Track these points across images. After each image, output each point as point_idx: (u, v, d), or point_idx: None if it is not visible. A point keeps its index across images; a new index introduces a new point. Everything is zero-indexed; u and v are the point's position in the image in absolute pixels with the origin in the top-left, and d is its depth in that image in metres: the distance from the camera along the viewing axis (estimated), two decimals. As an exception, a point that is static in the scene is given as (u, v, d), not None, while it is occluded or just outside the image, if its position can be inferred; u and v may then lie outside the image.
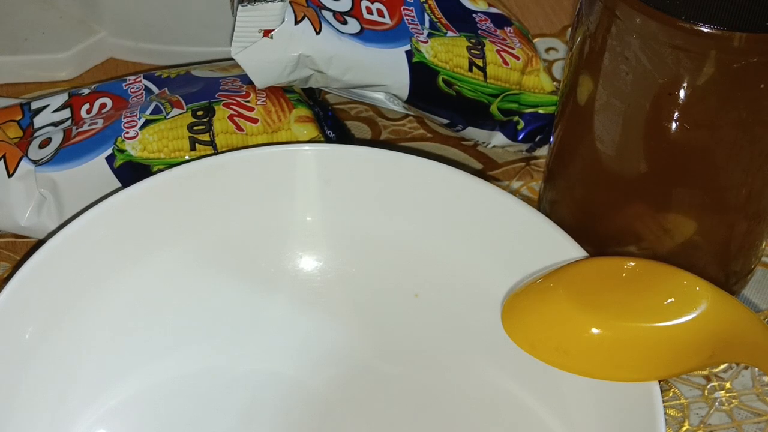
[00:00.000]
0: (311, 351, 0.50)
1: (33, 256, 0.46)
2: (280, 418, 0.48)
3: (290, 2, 0.53)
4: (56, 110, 0.56)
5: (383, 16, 0.56)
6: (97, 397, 0.47)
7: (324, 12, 0.54)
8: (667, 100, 0.45)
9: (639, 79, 0.45)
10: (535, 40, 0.65)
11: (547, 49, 0.66)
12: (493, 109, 0.58)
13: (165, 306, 0.49)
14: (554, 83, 0.60)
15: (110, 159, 0.52)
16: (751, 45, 0.43)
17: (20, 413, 0.44)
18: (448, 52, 0.57)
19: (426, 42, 0.57)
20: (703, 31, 0.43)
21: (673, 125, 0.46)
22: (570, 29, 0.58)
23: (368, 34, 0.55)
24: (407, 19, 0.57)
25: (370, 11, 0.56)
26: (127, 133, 0.53)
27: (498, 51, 0.58)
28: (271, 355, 0.50)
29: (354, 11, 0.55)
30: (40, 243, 0.48)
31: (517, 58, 0.59)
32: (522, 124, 0.59)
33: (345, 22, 0.55)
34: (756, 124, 0.46)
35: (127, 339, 0.48)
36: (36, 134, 0.55)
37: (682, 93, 0.45)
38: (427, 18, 0.58)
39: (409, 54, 0.56)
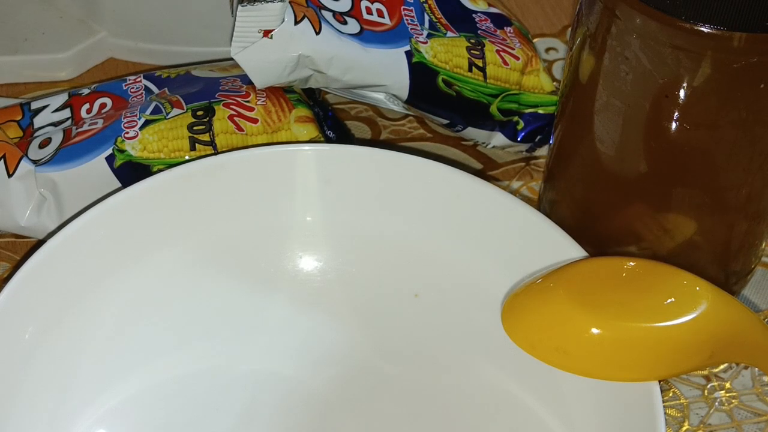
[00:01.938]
0: (311, 351, 0.50)
1: (33, 256, 0.46)
2: (280, 418, 0.48)
3: (290, 2, 0.53)
4: (56, 110, 0.56)
5: (383, 17, 0.56)
6: (97, 397, 0.47)
7: (324, 12, 0.54)
8: (667, 100, 0.45)
9: (639, 79, 0.45)
10: (535, 40, 0.65)
11: (547, 49, 0.66)
12: (493, 109, 0.58)
13: (165, 306, 0.49)
14: (554, 83, 0.60)
15: (110, 159, 0.52)
16: (751, 45, 0.43)
17: (20, 413, 0.44)
18: (447, 53, 0.57)
19: (425, 42, 0.57)
20: (703, 31, 0.43)
21: (673, 125, 0.46)
22: (570, 29, 0.58)
23: (368, 35, 0.55)
24: (407, 20, 0.57)
25: (369, 11, 0.56)
26: (127, 133, 0.53)
27: (498, 51, 0.58)
28: (271, 355, 0.50)
29: (354, 11, 0.55)
30: (40, 243, 0.48)
31: (517, 58, 0.59)
32: (522, 124, 0.59)
33: (345, 23, 0.55)
34: (756, 124, 0.46)
35: (127, 339, 0.48)
36: (36, 134, 0.55)
37: (682, 93, 0.45)
38: (426, 18, 0.58)
39: (409, 54, 0.56)
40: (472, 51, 0.58)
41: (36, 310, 0.45)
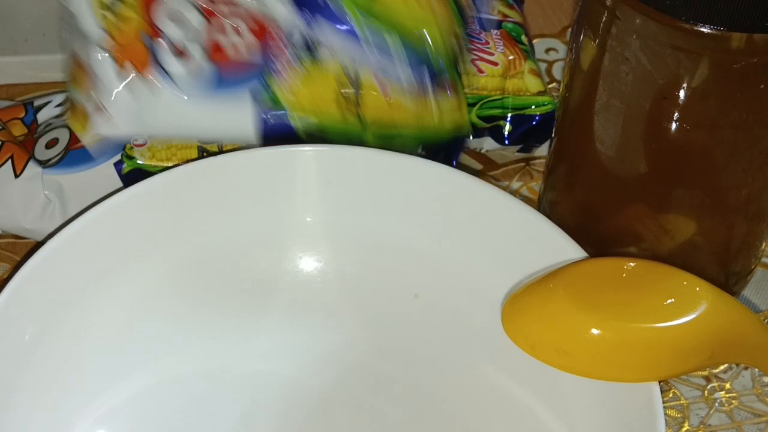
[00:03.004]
0: (311, 351, 0.50)
1: (33, 257, 0.46)
2: (280, 419, 0.48)
3: (112, 51, 0.49)
4: (59, 105, 0.56)
5: (241, 36, 0.50)
6: (97, 397, 0.47)
7: (159, 47, 0.49)
8: (667, 100, 0.45)
9: (639, 79, 0.45)
10: (534, 41, 0.65)
11: (547, 50, 0.66)
12: (473, 117, 0.57)
13: (165, 306, 0.49)
14: (551, 85, 0.60)
15: (118, 165, 0.52)
16: (751, 45, 0.43)
17: (20, 413, 0.44)
18: (313, 95, 0.51)
19: (284, 76, 0.51)
20: (703, 32, 0.43)
21: (673, 126, 0.46)
22: (570, 29, 0.58)
23: (213, 78, 0.50)
24: (272, 39, 0.50)
25: (224, 30, 0.49)
26: (136, 140, 0.53)
27: (473, 60, 0.56)
28: (271, 355, 0.50)
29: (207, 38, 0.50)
30: (40, 244, 0.48)
31: (495, 64, 0.57)
32: (509, 127, 0.58)
33: (186, 56, 0.49)
34: (756, 125, 0.46)
35: (127, 339, 0.48)
36: (41, 130, 0.55)
37: (682, 93, 0.45)
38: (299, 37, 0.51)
39: (258, 95, 0.51)
40: (343, 90, 0.51)
41: (36, 310, 0.45)
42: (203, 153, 0.53)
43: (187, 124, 0.51)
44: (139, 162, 0.52)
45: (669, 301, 0.43)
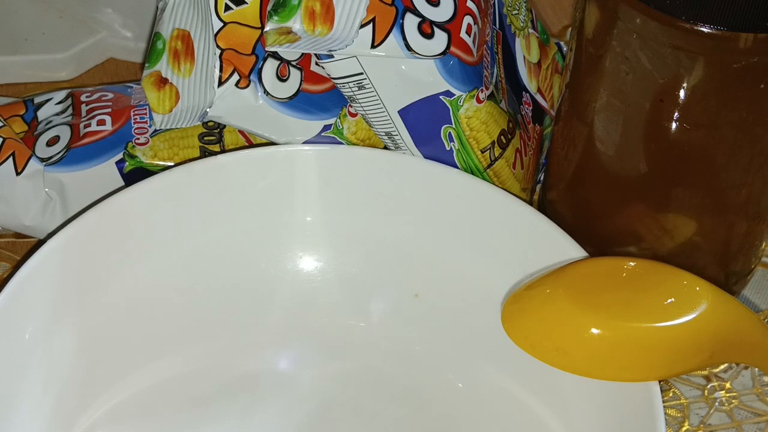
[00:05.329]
0: (311, 351, 0.50)
1: (33, 256, 0.46)
2: (280, 418, 0.48)
3: (221, 56, 0.49)
4: (59, 102, 0.56)
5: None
6: (97, 397, 0.47)
7: (267, 64, 0.50)
8: (667, 100, 0.45)
9: (639, 79, 0.45)
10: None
11: (547, 49, 0.66)
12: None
13: (165, 306, 0.49)
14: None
15: (120, 164, 0.52)
16: (750, 45, 0.43)
17: (20, 413, 0.44)
18: (369, 130, 0.51)
19: (353, 116, 0.51)
20: (703, 31, 0.43)
21: (673, 125, 0.46)
22: (570, 29, 0.58)
23: (300, 99, 0.50)
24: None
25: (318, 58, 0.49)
26: (138, 139, 0.53)
27: (517, 150, 0.53)
28: (270, 355, 0.50)
29: (304, 59, 0.50)
30: (40, 243, 0.48)
31: (522, 167, 0.54)
32: None
33: (286, 78, 0.50)
34: (756, 124, 0.46)
35: (127, 339, 0.48)
36: (42, 127, 0.55)
37: (682, 93, 0.45)
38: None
39: (327, 128, 0.51)
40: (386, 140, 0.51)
41: (36, 310, 0.45)
42: (205, 153, 0.53)
43: (263, 124, 0.51)
44: (141, 160, 0.52)
45: (669, 300, 0.43)
